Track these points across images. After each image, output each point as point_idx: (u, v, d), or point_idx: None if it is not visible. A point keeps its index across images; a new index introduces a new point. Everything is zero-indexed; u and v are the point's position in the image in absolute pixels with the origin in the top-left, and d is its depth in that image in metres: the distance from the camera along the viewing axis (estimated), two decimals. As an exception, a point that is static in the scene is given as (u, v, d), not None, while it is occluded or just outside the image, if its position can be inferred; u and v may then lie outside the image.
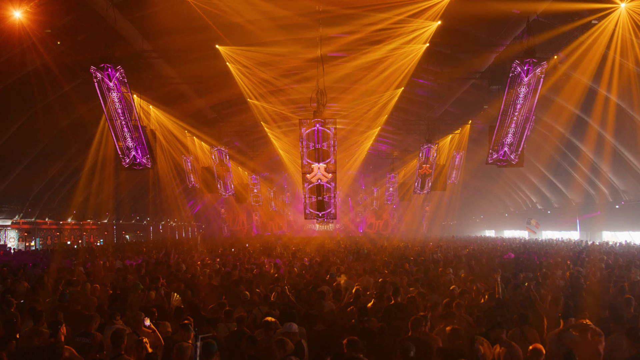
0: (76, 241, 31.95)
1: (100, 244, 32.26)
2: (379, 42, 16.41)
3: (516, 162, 14.24)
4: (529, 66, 12.50)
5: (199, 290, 9.33)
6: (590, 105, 19.30)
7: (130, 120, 13.75)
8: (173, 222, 46.86)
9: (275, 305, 7.55)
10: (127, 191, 30.48)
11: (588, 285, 9.42)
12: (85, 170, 23.84)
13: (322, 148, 13.09)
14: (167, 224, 46.27)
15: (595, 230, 30.69)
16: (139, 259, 16.16)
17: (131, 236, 39.75)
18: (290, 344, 5.18)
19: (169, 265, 13.42)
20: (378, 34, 15.49)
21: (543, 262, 14.04)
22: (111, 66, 12.67)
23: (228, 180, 26.35)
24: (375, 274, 11.03)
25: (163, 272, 11.32)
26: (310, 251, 20.24)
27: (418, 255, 16.60)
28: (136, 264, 14.23)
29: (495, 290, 8.10)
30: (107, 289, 9.17)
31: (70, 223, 31.11)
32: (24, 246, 27.26)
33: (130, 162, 14.29)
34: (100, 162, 23.17)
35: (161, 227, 45.47)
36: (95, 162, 23.32)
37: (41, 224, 28.53)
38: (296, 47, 16.36)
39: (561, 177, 29.84)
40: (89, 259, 16.54)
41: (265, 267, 13.43)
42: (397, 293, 7.68)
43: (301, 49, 16.28)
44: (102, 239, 34.94)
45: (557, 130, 23.51)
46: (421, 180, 25.11)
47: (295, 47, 16.33)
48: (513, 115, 13.46)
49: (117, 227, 37.23)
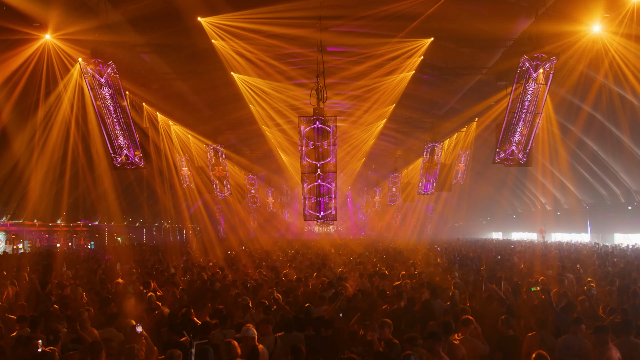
0: (66, 244, 31.94)
1: (91, 247, 32.30)
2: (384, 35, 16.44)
3: (524, 162, 14.23)
4: (538, 61, 12.50)
5: (194, 296, 9.35)
6: (602, 102, 19.28)
7: (122, 117, 13.76)
8: (167, 224, 46.85)
9: (269, 310, 7.55)
10: (120, 192, 30.47)
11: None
12: (76, 170, 23.83)
13: (322, 147, 13.10)
14: (161, 225, 46.26)
15: (607, 232, 30.68)
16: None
17: (124, 239, 39.74)
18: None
19: (162, 270, 13.43)
20: (382, 24, 15.50)
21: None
22: (102, 61, 12.67)
23: (224, 180, 26.34)
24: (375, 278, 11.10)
25: (158, 277, 11.34)
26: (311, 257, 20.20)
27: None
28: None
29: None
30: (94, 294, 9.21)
31: (60, 225, 31.10)
32: (12, 249, 27.26)
33: (123, 162, 14.31)
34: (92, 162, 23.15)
35: (154, 229, 45.47)
36: (87, 162, 23.30)
37: (30, 226, 28.53)
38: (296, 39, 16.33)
39: (571, 177, 29.82)
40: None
41: (264, 273, 13.42)
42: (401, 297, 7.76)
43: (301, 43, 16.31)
44: (93, 242, 34.94)
45: (568, 128, 23.50)
46: (425, 180, 25.12)
47: (295, 37, 16.27)
48: (521, 112, 13.46)
49: (108, 229, 37.21)
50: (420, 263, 14.65)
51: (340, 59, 19.57)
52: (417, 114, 25.60)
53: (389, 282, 10.25)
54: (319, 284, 10.32)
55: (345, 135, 29.64)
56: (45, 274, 12.43)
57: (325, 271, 12.59)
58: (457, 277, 10.85)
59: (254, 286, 9.81)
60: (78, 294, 8.88)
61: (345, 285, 9.74)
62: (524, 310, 7.86)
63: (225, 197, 29.11)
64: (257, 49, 16.78)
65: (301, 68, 20.64)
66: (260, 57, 17.45)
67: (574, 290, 9.44)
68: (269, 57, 17.65)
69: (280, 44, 16.49)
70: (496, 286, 8.52)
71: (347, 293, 8.77)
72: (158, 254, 19.86)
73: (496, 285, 8.58)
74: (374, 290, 9.32)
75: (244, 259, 17.50)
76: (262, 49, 16.85)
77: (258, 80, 19.64)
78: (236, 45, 16.05)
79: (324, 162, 13.27)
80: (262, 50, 16.92)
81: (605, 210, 29.39)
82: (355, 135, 30.89)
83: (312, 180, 13.51)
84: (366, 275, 11.47)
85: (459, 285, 9.59)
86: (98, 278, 11.64)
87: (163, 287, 10.02)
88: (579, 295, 8.29)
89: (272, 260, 17.49)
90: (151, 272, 12.72)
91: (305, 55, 17.97)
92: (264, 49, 16.80)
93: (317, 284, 10.35)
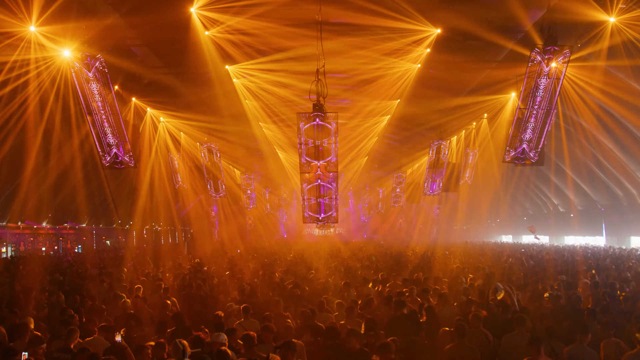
0: (52, 247, 31.94)
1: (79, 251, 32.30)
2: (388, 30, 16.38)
3: (536, 161, 14.20)
4: (550, 54, 12.47)
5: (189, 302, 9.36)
6: (618, 98, 19.25)
7: (111, 114, 13.74)
8: (158, 227, 46.85)
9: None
10: (108, 193, 30.45)
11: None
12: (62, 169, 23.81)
13: (323, 145, 13.08)
14: (152, 228, 46.25)
15: (623, 235, 30.67)
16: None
17: (112, 242, 39.77)
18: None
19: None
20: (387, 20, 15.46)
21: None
22: (90, 54, 12.66)
23: (219, 180, 26.32)
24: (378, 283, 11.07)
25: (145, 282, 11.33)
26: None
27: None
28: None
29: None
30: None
31: (46, 228, 31.09)
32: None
33: (112, 161, 14.30)
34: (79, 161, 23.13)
35: (145, 231, 45.46)
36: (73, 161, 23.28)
37: (13, 228, 28.53)
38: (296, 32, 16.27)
39: (586, 177, 29.80)
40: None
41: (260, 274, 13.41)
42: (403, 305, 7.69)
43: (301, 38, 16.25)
44: (81, 245, 34.95)
45: (582, 126, 23.48)
46: (431, 180, 25.13)
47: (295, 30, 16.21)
48: (532, 108, 13.43)
49: (96, 231, 37.24)
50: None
51: (341, 59, 19.55)
52: (423, 109, 25.53)
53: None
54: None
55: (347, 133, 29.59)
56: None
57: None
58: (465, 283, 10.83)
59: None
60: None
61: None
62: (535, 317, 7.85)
63: (219, 198, 29.10)
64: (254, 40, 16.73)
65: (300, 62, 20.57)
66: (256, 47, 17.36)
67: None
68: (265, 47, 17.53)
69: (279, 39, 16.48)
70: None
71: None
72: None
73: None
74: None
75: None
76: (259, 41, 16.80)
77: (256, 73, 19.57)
78: (231, 37, 16.01)
79: (325, 161, 13.25)
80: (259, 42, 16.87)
81: (621, 212, 29.37)
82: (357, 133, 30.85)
83: (311, 180, 13.50)
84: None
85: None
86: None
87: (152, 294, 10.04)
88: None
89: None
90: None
91: (304, 47, 17.89)
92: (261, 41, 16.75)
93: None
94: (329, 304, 8.54)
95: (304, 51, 15.81)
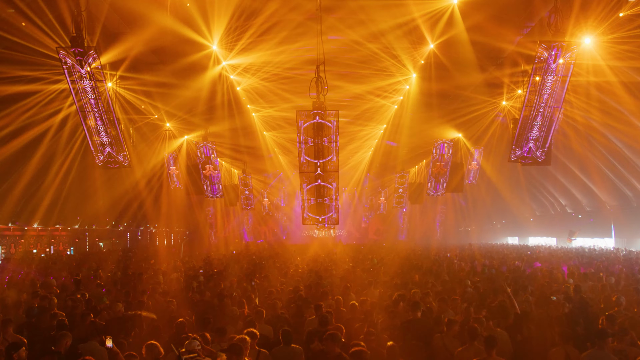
0: (43, 249, 31.90)
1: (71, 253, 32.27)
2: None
3: (543, 160, 14.17)
4: (558, 50, 12.45)
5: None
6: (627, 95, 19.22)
7: (104, 112, 13.72)
8: (154, 228, 46.85)
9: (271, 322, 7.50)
10: (102, 193, 30.42)
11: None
12: (54, 169, 23.79)
13: (323, 144, 13.05)
14: (147, 229, 46.26)
15: (633, 237, 30.63)
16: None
17: (106, 244, 39.75)
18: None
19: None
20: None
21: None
22: (82, 50, 12.62)
23: (216, 180, 26.31)
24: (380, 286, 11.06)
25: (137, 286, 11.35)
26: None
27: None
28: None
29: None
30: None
31: (37, 229, 31.05)
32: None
33: (105, 160, 14.29)
34: (71, 160, 23.13)
35: (140, 233, 45.47)
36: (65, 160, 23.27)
37: (4, 229, 28.50)
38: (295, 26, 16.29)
39: (594, 177, 29.77)
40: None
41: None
42: (417, 307, 7.69)
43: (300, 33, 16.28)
44: (73, 247, 34.91)
45: (590, 124, 23.45)
46: (435, 181, 25.11)
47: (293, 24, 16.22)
48: (539, 106, 13.40)
49: (89, 233, 37.20)
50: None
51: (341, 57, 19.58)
52: (426, 108, 25.54)
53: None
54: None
55: (348, 131, 29.60)
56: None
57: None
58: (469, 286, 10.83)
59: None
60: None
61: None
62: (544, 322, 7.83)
63: (216, 198, 29.08)
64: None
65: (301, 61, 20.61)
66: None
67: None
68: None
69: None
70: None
71: None
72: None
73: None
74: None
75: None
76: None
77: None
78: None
79: (325, 160, 13.22)
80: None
81: (631, 213, 29.34)
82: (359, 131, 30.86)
83: (311, 180, 13.47)
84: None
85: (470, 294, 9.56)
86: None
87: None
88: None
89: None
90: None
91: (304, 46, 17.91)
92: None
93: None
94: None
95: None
